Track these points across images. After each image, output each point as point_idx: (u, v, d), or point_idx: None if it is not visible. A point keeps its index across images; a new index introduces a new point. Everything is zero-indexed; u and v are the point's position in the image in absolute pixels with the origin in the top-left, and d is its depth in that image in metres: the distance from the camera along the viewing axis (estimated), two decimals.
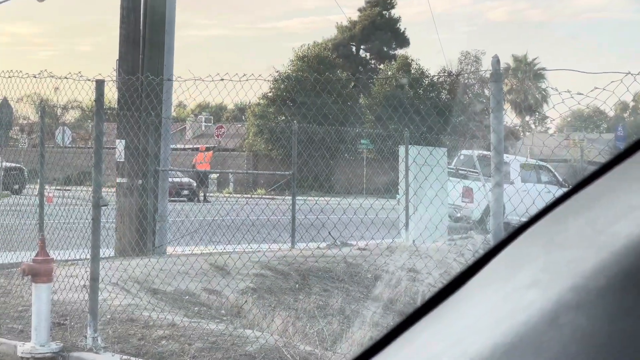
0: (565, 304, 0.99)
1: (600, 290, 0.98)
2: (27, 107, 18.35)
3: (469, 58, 62.27)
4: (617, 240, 1.00)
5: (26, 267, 8.13)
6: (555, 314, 0.99)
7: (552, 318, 0.99)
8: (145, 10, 14.39)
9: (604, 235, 1.02)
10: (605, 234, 1.02)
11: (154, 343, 8.41)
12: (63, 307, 9.76)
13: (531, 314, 1.01)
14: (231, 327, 9.04)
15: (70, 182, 21.21)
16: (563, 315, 0.98)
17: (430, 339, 1.16)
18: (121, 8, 14.49)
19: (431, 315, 1.22)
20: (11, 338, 8.70)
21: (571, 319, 0.98)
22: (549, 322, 0.99)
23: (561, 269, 1.03)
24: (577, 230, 1.07)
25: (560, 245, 1.07)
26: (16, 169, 23.59)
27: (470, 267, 1.21)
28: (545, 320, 0.99)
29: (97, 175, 8.74)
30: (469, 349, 1.05)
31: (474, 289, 1.18)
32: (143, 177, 13.68)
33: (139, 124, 13.21)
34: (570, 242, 1.06)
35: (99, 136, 8.90)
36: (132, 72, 13.53)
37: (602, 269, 0.99)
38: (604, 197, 1.08)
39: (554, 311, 0.99)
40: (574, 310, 0.98)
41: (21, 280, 10.45)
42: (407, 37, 64.37)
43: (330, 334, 9.24)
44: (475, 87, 59.27)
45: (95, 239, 8.60)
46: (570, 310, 0.98)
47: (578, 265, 1.01)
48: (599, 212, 1.06)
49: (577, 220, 1.08)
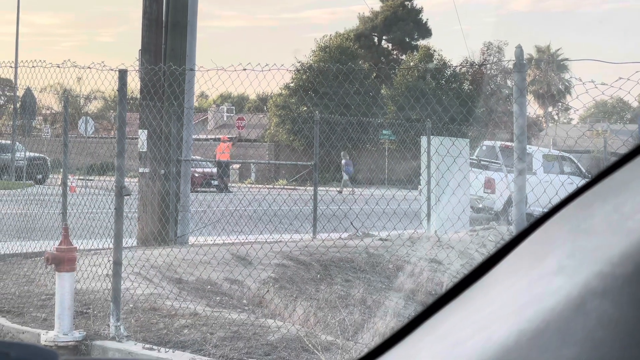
0: (591, 291, 0.99)
1: (627, 277, 0.97)
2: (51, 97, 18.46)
3: (492, 49, 62.01)
4: None
5: (50, 256, 8.17)
6: (582, 300, 0.99)
7: (578, 304, 0.99)
8: (168, 0, 14.41)
9: (631, 221, 1.01)
10: (633, 220, 1.01)
11: (176, 332, 8.44)
12: (86, 296, 9.82)
13: (557, 300, 1.01)
14: (253, 317, 9.06)
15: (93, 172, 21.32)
16: (589, 301, 0.98)
17: (455, 325, 1.16)
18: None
19: (456, 302, 1.22)
20: (35, 326, 8.76)
21: (597, 306, 0.97)
22: (575, 309, 0.99)
23: (588, 255, 1.03)
24: (603, 217, 1.06)
25: (587, 232, 1.07)
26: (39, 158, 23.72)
27: (495, 254, 1.21)
28: (571, 307, 0.99)
29: (120, 165, 8.77)
30: (494, 335, 1.05)
31: (500, 275, 1.18)
32: (165, 167, 13.71)
33: (162, 113, 13.24)
34: (596, 228, 1.06)
35: (121, 126, 8.93)
36: (154, 62, 13.56)
37: (629, 255, 0.98)
38: (632, 183, 1.07)
39: (581, 297, 0.99)
40: (600, 296, 0.98)
41: (45, 269, 10.51)
42: (429, 28, 64.16)
43: (352, 324, 9.25)
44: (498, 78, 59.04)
45: (118, 227, 8.64)
46: (597, 296, 0.98)
47: (605, 251, 1.01)
48: (626, 198, 1.05)
49: (603, 206, 1.08)
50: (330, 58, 50.61)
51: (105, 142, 25.07)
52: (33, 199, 14.81)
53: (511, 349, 1.02)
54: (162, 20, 14.38)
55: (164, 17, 14.41)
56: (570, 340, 0.97)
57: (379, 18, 63.15)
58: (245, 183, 40.37)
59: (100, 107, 56.18)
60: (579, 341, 0.97)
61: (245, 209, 13.76)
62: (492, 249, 13.72)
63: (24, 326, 8.80)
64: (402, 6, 63.14)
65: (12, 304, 9.76)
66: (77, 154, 16.61)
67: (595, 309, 0.97)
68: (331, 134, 20.87)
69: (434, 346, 1.17)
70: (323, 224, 13.50)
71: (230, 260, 11.89)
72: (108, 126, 53.84)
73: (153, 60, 13.78)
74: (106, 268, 10.07)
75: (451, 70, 52.40)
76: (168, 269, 11.06)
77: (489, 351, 1.04)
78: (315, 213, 16.47)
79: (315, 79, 45.86)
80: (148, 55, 14.14)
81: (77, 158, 16.67)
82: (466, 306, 1.19)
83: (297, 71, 48.23)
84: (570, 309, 0.99)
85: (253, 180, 43.96)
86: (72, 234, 9.82)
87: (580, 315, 0.98)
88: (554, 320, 1.00)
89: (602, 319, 0.96)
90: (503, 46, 62.17)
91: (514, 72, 7.12)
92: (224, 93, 75.16)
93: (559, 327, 0.99)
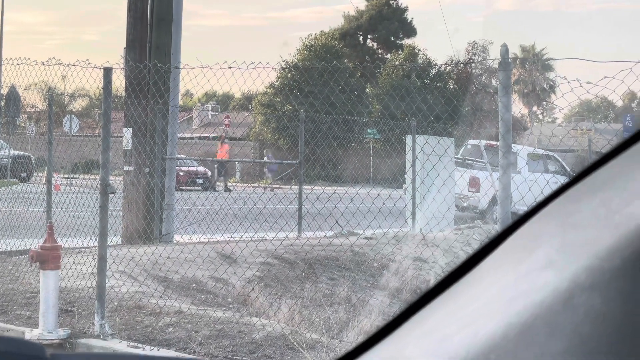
0: (580, 285, 0.99)
1: (615, 271, 0.97)
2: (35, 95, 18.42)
3: (477, 48, 62.14)
4: (632, 220, 0.99)
5: (34, 254, 8.14)
6: (570, 294, 0.99)
7: (566, 298, 0.99)
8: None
9: (619, 215, 1.01)
10: (620, 215, 1.01)
11: (161, 330, 8.43)
12: (70, 294, 9.79)
13: (546, 294, 1.01)
14: (238, 315, 9.05)
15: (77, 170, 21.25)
16: (577, 296, 0.98)
17: (442, 320, 1.16)
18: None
19: (441, 298, 1.22)
20: (19, 324, 8.73)
21: (585, 300, 0.98)
22: (564, 303, 0.99)
23: (576, 249, 1.03)
24: (591, 211, 1.06)
25: (575, 226, 1.07)
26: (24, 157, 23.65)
27: (480, 251, 1.21)
28: (559, 301, 0.99)
29: (105, 163, 8.75)
30: (481, 329, 1.05)
31: (485, 271, 1.18)
32: (150, 165, 13.69)
33: (147, 111, 13.21)
34: (585, 222, 1.06)
35: (106, 123, 8.91)
36: (139, 60, 13.53)
37: (617, 249, 0.98)
38: (619, 177, 1.08)
39: (569, 292, 0.99)
40: (589, 291, 0.98)
41: (29, 267, 10.47)
42: (414, 27, 64.20)
43: (337, 322, 9.25)
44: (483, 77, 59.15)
45: (103, 225, 8.61)
46: (585, 291, 0.98)
47: (593, 245, 1.01)
48: (613, 192, 1.06)
49: (591, 200, 1.08)
50: (316, 57, 50.58)
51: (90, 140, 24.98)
52: (17, 197, 14.76)
53: (498, 343, 1.02)
54: (147, 18, 14.36)
55: (149, 14, 14.38)
56: (558, 334, 0.98)
57: (364, 17, 63.16)
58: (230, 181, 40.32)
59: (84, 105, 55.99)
60: (567, 335, 0.97)
61: (230, 207, 13.75)
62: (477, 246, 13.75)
63: (7, 324, 8.77)
64: (387, 5, 63.17)
65: None
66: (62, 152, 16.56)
67: (584, 304, 0.97)
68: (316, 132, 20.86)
69: (420, 341, 1.17)
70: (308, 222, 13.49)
71: (215, 259, 11.87)
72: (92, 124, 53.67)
73: (138, 58, 13.75)
74: (91, 266, 10.04)
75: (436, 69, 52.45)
76: (153, 267, 11.04)
77: (476, 346, 1.04)
78: (300, 211, 16.46)
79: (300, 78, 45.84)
80: (133, 53, 14.11)
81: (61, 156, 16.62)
82: (452, 302, 1.19)
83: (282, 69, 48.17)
84: (559, 303, 0.99)
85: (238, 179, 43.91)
86: (57, 232, 9.79)
87: (568, 310, 0.98)
88: (542, 314, 1.00)
89: (590, 313, 0.97)
90: (488, 45, 62.35)
91: (499, 70, 7.15)
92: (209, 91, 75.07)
93: (547, 322, 0.99)
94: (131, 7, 14.40)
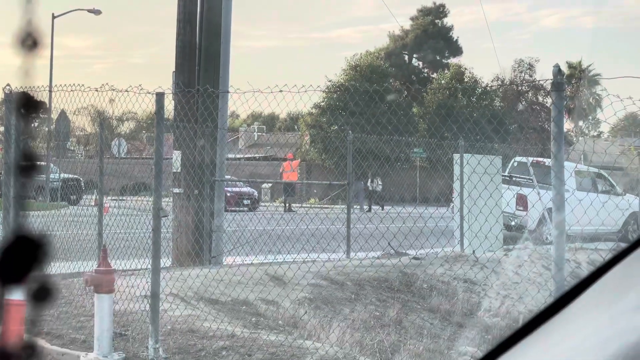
0: None
1: None
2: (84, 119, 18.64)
3: (523, 65, 61.79)
4: None
5: (89, 278, 8.22)
6: None
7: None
8: (202, 22, 14.52)
9: None
10: None
11: (214, 354, 8.45)
12: (124, 317, 9.85)
13: None
14: (290, 338, 9.05)
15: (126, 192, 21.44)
16: None
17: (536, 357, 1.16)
18: (177, 21, 14.64)
19: (534, 335, 1.22)
20: (74, 348, 8.79)
21: None
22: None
23: None
24: None
25: None
26: (73, 179, 23.92)
27: (573, 289, 1.21)
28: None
29: (157, 187, 8.81)
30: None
31: (579, 309, 1.18)
32: (199, 187, 13.77)
33: (197, 134, 13.31)
34: None
35: (159, 148, 8.97)
36: (188, 84, 13.65)
37: None
38: None
39: None
40: None
41: (83, 290, 10.56)
42: (460, 46, 64.23)
43: (390, 345, 9.22)
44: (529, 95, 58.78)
45: (156, 249, 8.67)
46: None
47: None
48: None
49: None
50: (361, 77, 50.67)
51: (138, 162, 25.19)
52: (67, 220, 14.91)
53: None
54: (196, 43, 14.49)
55: (197, 38, 14.52)
56: None
57: (409, 36, 63.23)
58: (276, 202, 40.47)
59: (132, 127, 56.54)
60: None
61: (279, 228, 13.76)
62: (526, 269, 13.65)
63: (63, 348, 8.84)
64: (433, 24, 63.20)
65: (50, 325, 9.80)
66: (110, 174, 16.72)
67: None
68: (367, 152, 20.86)
69: None
70: (360, 244, 13.45)
71: (265, 281, 11.90)
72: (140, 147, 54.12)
73: (187, 82, 13.87)
74: (144, 289, 10.10)
75: (483, 87, 52.28)
76: (205, 291, 11.08)
77: None
78: (348, 232, 16.44)
79: (346, 98, 45.89)
80: (182, 76, 14.25)
81: (110, 179, 16.78)
82: (546, 339, 1.19)
83: (328, 91, 48.22)
84: None
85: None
86: (108, 254, 9.87)
87: None
88: (637, 357, 1.00)
89: None
90: (534, 63, 61.96)
91: (551, 91, 7.09)
92: (253, 112, 75.39)
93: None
94: (180, 31, 14.56)
